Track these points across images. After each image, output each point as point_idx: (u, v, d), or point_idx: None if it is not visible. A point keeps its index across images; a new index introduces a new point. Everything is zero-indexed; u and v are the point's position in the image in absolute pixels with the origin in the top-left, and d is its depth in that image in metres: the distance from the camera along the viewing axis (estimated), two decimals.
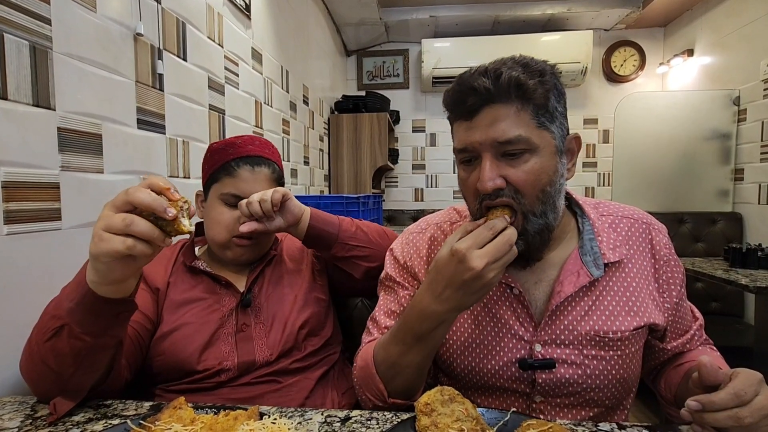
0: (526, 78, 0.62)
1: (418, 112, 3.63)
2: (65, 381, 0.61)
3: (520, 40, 3.23)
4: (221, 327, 0.84)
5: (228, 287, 0.88)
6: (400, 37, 3.53)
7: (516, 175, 0.64)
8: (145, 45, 1.08)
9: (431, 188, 3.65)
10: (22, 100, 0.76)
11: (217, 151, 0.90)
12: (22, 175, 0.76)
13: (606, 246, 0.72)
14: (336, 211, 2.12)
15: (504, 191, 0.64)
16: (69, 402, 0.62)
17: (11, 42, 0.73)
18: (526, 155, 0.64)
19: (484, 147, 0.64)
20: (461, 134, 0.67)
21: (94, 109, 0.92)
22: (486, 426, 0.56)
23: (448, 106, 0.69)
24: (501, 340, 0.72)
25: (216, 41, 1.43)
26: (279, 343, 0.85)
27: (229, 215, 0.87)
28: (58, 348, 0.59)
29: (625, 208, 0.80)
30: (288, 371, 0.84)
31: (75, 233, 0.87)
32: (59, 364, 0.60)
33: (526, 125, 0.63)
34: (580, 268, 0.71)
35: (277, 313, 0.88)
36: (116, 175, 0.98)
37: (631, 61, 3.40)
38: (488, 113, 0.63)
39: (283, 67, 2.08)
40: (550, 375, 0.70)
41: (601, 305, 0.71)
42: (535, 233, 0.66)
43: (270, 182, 0.90)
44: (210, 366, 0.80)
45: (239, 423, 0.55)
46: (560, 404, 0.72)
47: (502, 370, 0.72)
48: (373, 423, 0.61)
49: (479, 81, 0.62)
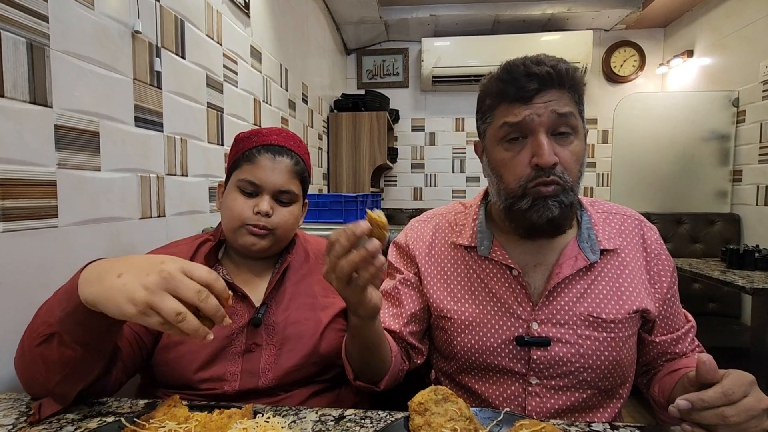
0: (575, 71, 0.72)
1: (418, 111, 3.63)
2: (53, 386, 0.60)
3: (520, 40, 3.22)
4: (229, 345, 0.79)
5: (243, 299, 0.83)
6: (400, 35, 3.53)
7: (564, 154, 0.71)
8: (143, 42, 1.08)
9: (430, 187, 3.65)
10: (18, 98, 0.76)
11: (242, 140, 0.88)
12: (19, 172, 0.76)
13: (602, 235, 0.78)
14: (334, 210, 2.13)
15: (555, 169, 0.69)
16: (56, 405, 0.61)
17: (8, 39, 0.73)
18: (571, 137, 0.71)
19: (542, 121, 0.69)
20: (516, 111, 0.71)
21: (91, 106, 0.92)
22: (479, 425, 0.56)
23: (498, 90, 0.73)
24: (500, 319, 0.76)
25: (215, 39, 1.43)
26: (287, 373, 0.80)
27: (242, 201, 0.84)
28: (47, 354, 0.58)
29: (618, 206, 0.86)
30: (289, 390, 0.82)
31: (71, 231, 0.87)
32: (48, 370, 0.59)
33: (574, 108, 0.72)
34: (578, 253, 0.76)
35: (291, 337, 0.82)
36: (113, 172, 0.98)
37: (630, 62, 3.40)
38: (545, 95, 0.70)
39: (282, 66, 2.08)
40: (545, 353, 0.74)
41: (596, 288, 0.76)
42: (566, 206, 0.71)
43: (291, 174, 0.87)
44: (211, 387, 0.77)
45: (233, 421, 0.55)
46: (555, 386, 0.75)
47: (500, 347, 0.76)
48: (367, 422, 0.61)
49: (539, 68, 0.69)
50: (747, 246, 1.91)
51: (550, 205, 0.70)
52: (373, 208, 0.60)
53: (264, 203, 0.83)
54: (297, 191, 0.89)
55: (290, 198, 0.87)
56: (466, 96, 3.55)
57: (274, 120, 2.00)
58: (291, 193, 0.87)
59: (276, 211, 0.85)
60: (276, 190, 0.85)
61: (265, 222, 0.83)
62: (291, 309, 0.86)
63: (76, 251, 0.88)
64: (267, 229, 0.84)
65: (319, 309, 0.87)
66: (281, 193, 0.86)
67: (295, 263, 0.92)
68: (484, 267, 0.79)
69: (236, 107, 1.59)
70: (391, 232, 1.00)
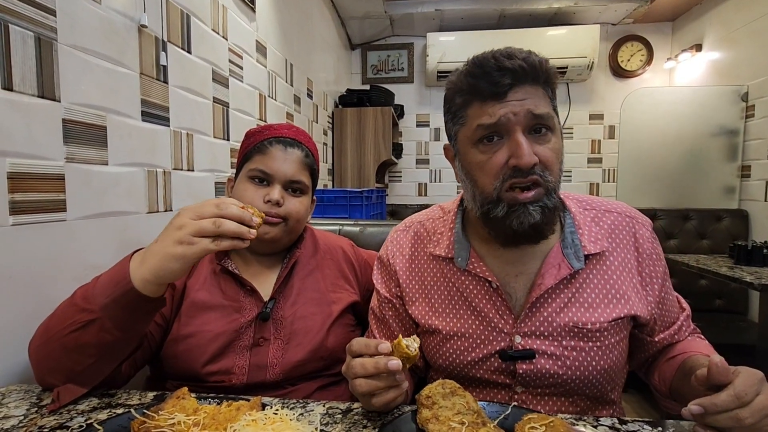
0: (548, 64, 0.68)
1: (423, 107, 3.62)
2: (81, 369, 0.63)
3: (526, 35, 3.19)
4: (237, 339, 0.80)
5: (252, 294, 0.84)
6: (405, 30, 3.51)
7: (544, 152, 0.67)
8: (150, 37, 1.08)
9: (435, 183, 3.64)
10: (27, 92, 0.76)
11: (253, 134, 0.89)
12: (28, 166, 0.76)
13: (587, 239, 0.74)
14: (339, 205, 2.13)
15: (535, 168, 0.66)
16: (77, 390, 0.64)
17: (16, 33, 0.73)
18: (548, 134, 0.68)
19: (518, 120, 0.66)
20: (490, 110, 0.67)
21: (98, 100, 0.92)
22: (487, 419, 0.56)
23: (469, 86, 0.69)
24: (482, 333, 0.74)
25: (220, 33, 1.43)
26: (295, 367, 0.81)
27: (253, 191, 0.84)
28: (83, 339, 0.61)
29: (609, 202, 0.81)
30: (295, 384, 0.82)
31: (79, 225, 0.87)
32: (80, 354, 0.62)
33: (548, 106, 0.68)
34: (561, 261, 0.72)
35: (298, 331, 0.83)
36: (121, 167, 0.98)
37: (638, 56, 3.37)
38: (520, 92, 0.66)
39: (287, 61, 2.08)
40: (530, 366, 0.71)
41: (580, 297, 0.72)
42: (549, 210, 0.68)
43: (302, 165, 0.87)
44: (219, 380, 0.78)
45: (241, 413, 0.55)
46: (541, 393, 0.73)
47: (483, 361, 0.73)
48: (374, 415, 0.61)
49: (512, 62, 0.65)
50: (755, 242, 1.89)
51: (531, 210, 0.66)
52: (413, 341, 0.60)
53: (275, 192, 0.83)
54: (307, 182, 0.89)
55: (301, 189, 0.88)
56: None
57: (280, 115, 2.00)
58: (301, 183, 0.87)
59: (287, 201, 0.85)
60: (287, 180, 0.85)
61: (277, 210, 0.83)
62: (299, 304, 0.86)
63: (84, 245, 0.89)
64: (279, 217, 0.84)
65: (327, 304, 0.88)
66: (292, 183, 0.86)
67: (303, 258, 0.92)
68: (463, 279, 0.76)
69: (242, 102, 1.59)
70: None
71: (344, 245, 1.00)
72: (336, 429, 0.57)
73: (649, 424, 0.60)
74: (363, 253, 1.02)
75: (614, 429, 0.59)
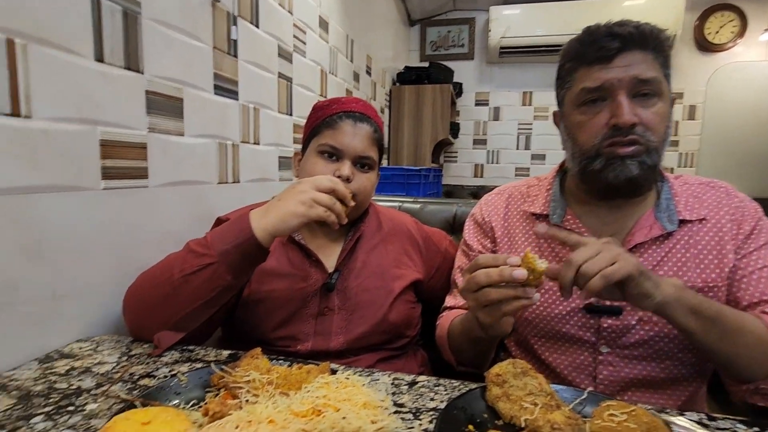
0: (660, 31, 0.70)
1: (483, 85, 3.48)
2: (183, 314, 0.69)
3: (598, 6, 2.96)
4: (304, 307, 0.82)
5: (317, 265, 0.85)
6: (467, 4, 3.37)
7: (647, 115, 0.69)
8: (222, 11, 1.10)
9: (492, 164, 3.53)
10: (116, 63, 0.80)
11: (321, 108, 0.89)
12: (116, 134, 0.81)
13: (683, 206, 0.75)
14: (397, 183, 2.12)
15: (636, 129, 0.68)
16: (174, 335, 0.69)
17: (106, 7, 0.77)
18: (654, 98, 0.70)
19: (621, 84, 0.68)
20: (596, 74, 0.70)
21: (176, 73, 0.96)
22: (561, 402, 0.54)
23: (577, 52, 0.73)
24: None
25: (286, 8, 1.44)
26: (357, 339, 0.82)
27: (323, 165, 0.84)
28: (195, 282, 0.67)
29: (710, 180, 0.82)
30: (357, 355, 0.84)
31: (159, 191, 0.93)
32: (190, 296, 0.68)
33: (658, 72, 0.70)
34: (653, 223, 0.74)
35: (362, 304, 0.84)
36: (195, 138, 1.03)
37: (728, 28, 3.02)
38: (627, 57, 0.69)
39: (348, 36, 2.07)
40: (616, 321, 0.73)
41: (673, 257, 0.73)
42: (649, 167, 0.70)
43: (371, 140, 0.87)
44: (285, 345, 0.81)
45: (312, 376, 0.57)
46: (629, 356, 0.73)
47: (569, 315, 0.76)
48: (441, 389, 0.60)
49: (621, 28, 0.68)
50: None
51: (628, 164, 0.68)
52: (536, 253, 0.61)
53: (345, 168, 0.84)
54: (375, 158, 0.89)
55: (369, 164, 0.88)
56: (535, 68, 3.34)
57: (340, 91, 2.00)
58: (370, 159, 0.87)
59: (356, 177, 0.85)
60: (357, 156, 0.85)
61: (346, 186, 0.84)
62: (363, 276, 0.87)
63: (163, 211, 0.94)
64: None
65: (391, 279, 0.88)
66: (361, 159, 0.86)
67: (368, 233, 0.92)
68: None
69: (304, 77, 1.61)
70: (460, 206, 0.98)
71: (408, 222, 0.99)
72: (403, 399, 0.57)
73: (743, 423, 0.54)
74: (427, 230, 1.01)
75: (702, 424, 0.54)
